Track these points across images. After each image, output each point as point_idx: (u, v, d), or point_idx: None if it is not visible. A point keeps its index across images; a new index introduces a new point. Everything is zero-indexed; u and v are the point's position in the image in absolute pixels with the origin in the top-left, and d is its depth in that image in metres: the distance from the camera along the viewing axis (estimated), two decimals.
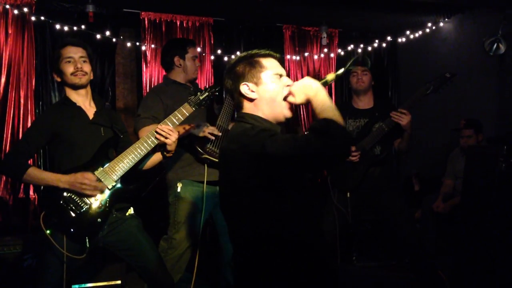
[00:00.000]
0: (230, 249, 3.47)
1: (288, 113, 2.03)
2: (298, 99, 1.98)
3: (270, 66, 2.03)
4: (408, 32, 6.10)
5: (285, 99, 2.01)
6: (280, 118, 2.04)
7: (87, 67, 2.75)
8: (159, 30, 5.65)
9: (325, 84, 2.10)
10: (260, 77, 2.00)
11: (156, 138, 2.68)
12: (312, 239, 1.92)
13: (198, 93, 2.79)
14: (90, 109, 2.79)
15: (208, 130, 3.21)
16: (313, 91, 1.94)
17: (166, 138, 2.66)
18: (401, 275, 4.40)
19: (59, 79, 2.74)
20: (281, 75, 2.05)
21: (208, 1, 5.33)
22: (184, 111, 2.75)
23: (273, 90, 2.00)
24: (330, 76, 2.13)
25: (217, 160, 3.29)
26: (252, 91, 1.99)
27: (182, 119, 2.76)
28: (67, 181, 2.55)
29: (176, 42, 3.69)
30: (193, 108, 2.78)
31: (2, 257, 3.59)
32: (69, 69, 2.70)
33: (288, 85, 2.04)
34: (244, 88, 1.99)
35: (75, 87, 2.74)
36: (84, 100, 2.78)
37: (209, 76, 5.86)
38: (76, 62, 2.70)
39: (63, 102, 2.78)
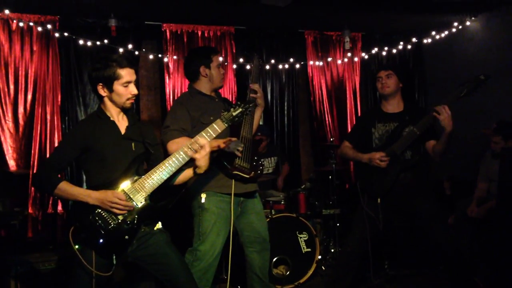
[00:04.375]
0: (256, 258, 3.46)
1: None
2: None
3: None
4: (433, 33, 6.00)
5: None
6: None
7: (136, 90, 2.74)
8: (181, 41, 5.67)
9: None
10: None
11: (186, 154, 2.63)
12: None
13: (231, 109, 2.72)
14: (122, 123, 2.77)
15: (238, 148, 3.15)
16: None
17: (195, 152, 2.62)
18: (435, 283, 4.29)
19: (104, 94, 2.70)
20: None
21: (228, 10, 5.32)
22: (216, 128, 2.70)
23: None
24: None
25: (246, 176, 3.25)
26: None
27: (214, 135, 2.70)
28: (97, 198, 2.53)
29: (199, 52, 3.62)
30: (226, 125, 2.71)
31: (35, 273, 3.61)
32: (126, 93, 2.68)
33: None
34: None
35: (122, 107, 2.73)
36: (117, 114, 2.77)
37: (232, 85, 5.85)
38: (132, 88, 2.69)
39: (98, 115, 2.76)
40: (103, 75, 2.66)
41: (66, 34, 5.02)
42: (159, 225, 2.79)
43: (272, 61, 6.02)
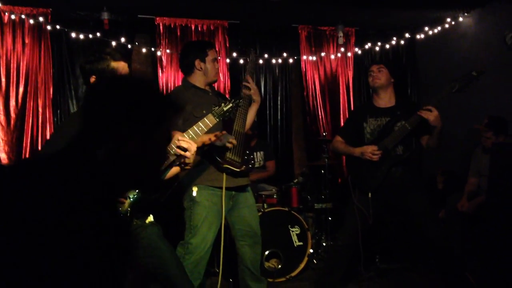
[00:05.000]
0: (247, 252, 3.47)
1: None
2: None
3: None
4: (426, 28, 6.01)
5: None
6: None
7: None
8: (174, 35, 5.65)
9: None
10: None
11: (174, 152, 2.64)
12: None
13: (222, 104, 2.76)
14: None
15: (229, 141, 3.17)
16: None
17: (185, 151, 2.61)
18: (426, 277, 4.31)
19: None
20: None
21: (222, 4, 5.31)
22: (208, 122, 2.73)
23: None
24: None
25: (237, 170, 3.26)
26: None
27: (206, 130, 2.74)
28: None
29: (195, 45, 3.64)
30: (217, 120, 2.75)
31: None
32: None
33: None
34: None
35: None
36: None
37: (225, 79, 5.84)
38: None
39: None
40: (97, 67, 2.66)
41: (58, 27, 5.00)
42: (150, 218, 2.80)
43: (266, 55, 6.02)
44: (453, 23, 5.82)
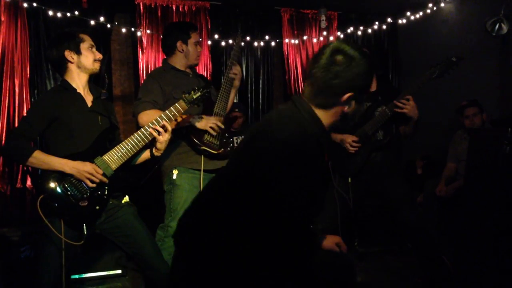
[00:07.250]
0: None
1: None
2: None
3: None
4: (408, 13, 6.01)
5: None
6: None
7: (101, 55, 2.84)
8: (155, 15, 5.55)
9: None
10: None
11: (150, 133, 2.68)
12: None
13: (192, 92, 2.82)
14: (87, 96, 2.78)
15: (210, 124, 3.17)
16: None
17: (159, 134, 2.66)
18: (403, 260, 4.38)
19: (73, 60, 2.71)
20: None
21: None
22: (179, 108, 2.78)
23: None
24: None
25: (214, 152, 3.25)
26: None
27: (178, 115, 2.77)
28: (74, 167, 2.52)
29: (178, 26, 3.60)
30: (188, 106, 2.80)
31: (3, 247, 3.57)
32: (92, 55, 2.75)
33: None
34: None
35: (91, 73, 2.77)
36: (84, 87, 2.76)
37: (206, 62, 5.78)
38: (97, 52, 2.79)
39: (64, 86, 2.73)
40: (68, 40, 2.71)
41: (35, 4, 4.86)
42: (126, 198, 2.83)
43: (248, 38, 5.97)
44: (434, 8, 5.84)
